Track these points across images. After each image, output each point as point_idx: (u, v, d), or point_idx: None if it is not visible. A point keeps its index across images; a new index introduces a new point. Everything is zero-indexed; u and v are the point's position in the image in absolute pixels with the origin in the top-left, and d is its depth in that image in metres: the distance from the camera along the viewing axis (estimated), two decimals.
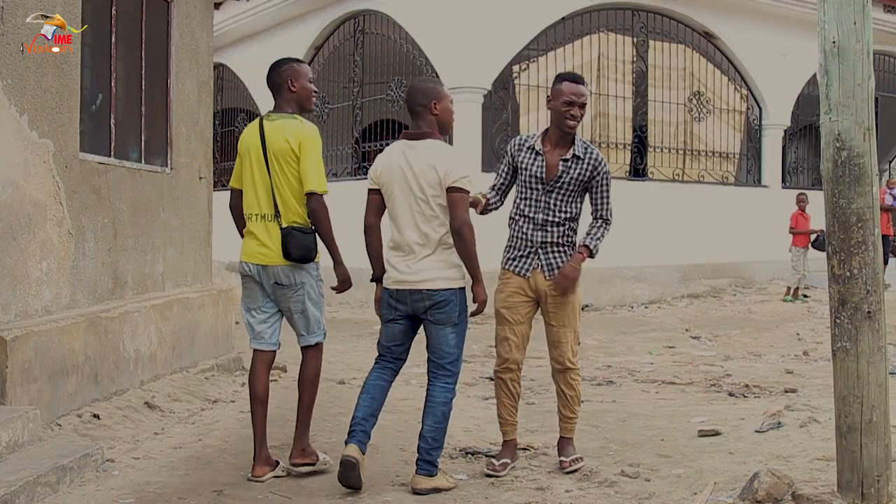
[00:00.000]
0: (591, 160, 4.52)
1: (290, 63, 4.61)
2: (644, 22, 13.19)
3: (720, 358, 8.44)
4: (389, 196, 4.21)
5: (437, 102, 4.23)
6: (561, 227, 4.53)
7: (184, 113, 6.99)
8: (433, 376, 4.19)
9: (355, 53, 13.32)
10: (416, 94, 4.24)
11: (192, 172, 7.14)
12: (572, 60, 12.31)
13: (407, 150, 4.19)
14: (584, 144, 4.58)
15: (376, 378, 4.27)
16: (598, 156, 4.54)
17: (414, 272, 4.12)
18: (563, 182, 4.52)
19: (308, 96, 4.60)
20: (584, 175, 4.51)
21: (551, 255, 4.54)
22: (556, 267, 4.51)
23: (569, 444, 4.59)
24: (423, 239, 4.12)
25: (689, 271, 13.27)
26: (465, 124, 11.35)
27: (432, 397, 4.15)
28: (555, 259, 4.53)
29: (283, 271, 4.40)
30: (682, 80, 13.60)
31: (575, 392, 4.55)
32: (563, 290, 4.46)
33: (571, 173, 4.52)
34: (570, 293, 4.48)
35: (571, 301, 4.48)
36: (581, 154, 4.54)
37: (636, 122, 13.33)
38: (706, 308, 12.17)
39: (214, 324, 7.10)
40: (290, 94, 4.57)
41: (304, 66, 4.65)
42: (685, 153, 13.69)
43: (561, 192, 4.54)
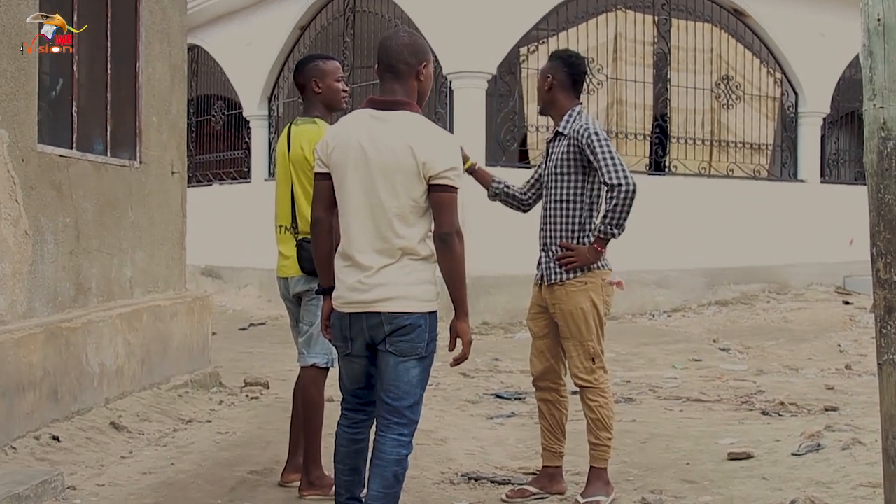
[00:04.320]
0: (573, 132, 4.48)
1: (316, 62, 4.74)
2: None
3: (752, 372, 8.42)
4: (341, 183, 3.57)
5: (426, 65, 3.64)
6: (560, 222, 4.50)
7: (154, 100, 6.98)
8: (384, 424, 3.52)
9: (345, 34, 13.33)
10: (399, 50, 3.59)
11: (164, 167, 7.13)
12: (586, 41, 12.29)
13: (373, 122, 3.54)
14: (573, 118, 4.55)
15: (348, 442, 3.72)
16: (581, 125, 4.48)
17: (369, 289, 3.48)
18: (550, 166, 4.54)
19: (336, 97, 4.74)
20: (570, 150, 4.47)
21: (550, 259, 4.54)
22: (555, 273, 4.50)
23: (595, 480, 4.48)
24: (383, 244, 3.49)
25: (716, 276, 13.26)
26: (468, 113, 11.34)
27: (382, 453, 3.49)
28: (553, 263, 4.52)
29: (301, 280, 4.63)
30: (708, 63, 13.58)
31: (596, 415, 4.47)
32: (564, 260, 4.49)
33: (556, 152, 4.53)
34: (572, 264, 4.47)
35: (574, 311, 4.46)
36: (564, 128, 4.53)
37: (657, 111, 13.32)
38: (736, 316, 12.16)
39: (189, 335, 7.09)
40: (314, 96, 4.72)
41: (332, 63, 4.75)
42: (712, 144, 13.67)
43: (553, 179, 4.53)
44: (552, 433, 4.66)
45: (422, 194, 3.46)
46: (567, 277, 4.49)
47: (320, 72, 4.69)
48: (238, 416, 6.43)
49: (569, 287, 4.48)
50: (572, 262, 4.47)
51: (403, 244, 3.47)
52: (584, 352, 4.48)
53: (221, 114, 16.00)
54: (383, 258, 3.48)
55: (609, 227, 4.39)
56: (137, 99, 6.79)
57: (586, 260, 4.47)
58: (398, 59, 3.57)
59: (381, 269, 3.47)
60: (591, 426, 4.50)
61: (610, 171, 4.35)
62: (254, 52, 14.69)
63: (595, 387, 4.48)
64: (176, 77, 7.33)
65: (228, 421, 6.24)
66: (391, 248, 3.48)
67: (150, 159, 6.91)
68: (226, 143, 15.99)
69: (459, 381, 7.87)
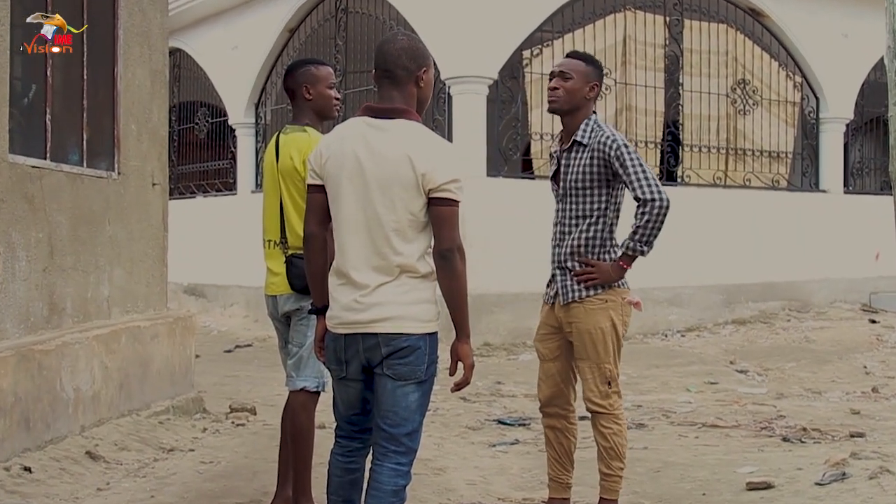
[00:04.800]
0: (595, 142, 4.48)
1: (307, 66, 4.77)
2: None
3: (772, 396, 8.41)
4: (335, 196, 3.55)
5: (427, 70, 3.62)
6: (579, 238, 4.50)
7: (134, 107, 6.99)
8: (381, 452, 3.50)
9: (337, 37, 13.36)
10: (398, 55, 3.57)
11: (144, 178, 7.13)
12: (593, 44, 12.31)
13: (370, 131, 3.52)
14: (591, 126, 4.55)
15: (342, 471, 3.68)
16: (605, 135, 4.48)
17: (365, 308, 3.46)
18: (569, 180, 4.52)
19: (327, 104, 4.76)
20: (593, 162, 4.46)
21: (567, 276, 4.53)
22: (572, 290, 4.50)
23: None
24: (380, 261, 3.47)
25: (733, 293, 13.25)
26: (468, 120, 11.35)
27: (378, 483, 3.47)
28: (570, 281, 4.51)
29: (291, 298, 4.62)
30: (723, 67, 13.60)
31: (609, 443, 4.46)
32: (584, 276, 4.48)
33: (575, 165, 4.51)
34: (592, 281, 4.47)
35: (592, 330, 4.46)
36: (583, 138, 4.52)
37: (668, 117, 13.34)
38: (754, 336, 12.14)
39: (170, 358, 7.07)
40: (305, 102, 4.74)
41: (324, 69, 4.78)
42: (728, 153, 13.69)
43: (572, 194, 4.53)
44: (559, 462, 4.64)
45: (421, 208, 3.45)
46: (587, 295, 4.50)
47: (312, 77, 4.71)
48: (223, 444, 6.41)
49: (588, 305, 4.49)
50: (593, 279, 4.47)
51: (401, 261, 3.45)
52: (599, 375, 4.48)
53: (205, 122, 16.02)
54: (380, 276, 3.46)
55: (638, 244, 4.43)
56: (116, 106, 6.79)
57: (608, 277, 4.48)
58: (396, 64, 3.56)
59: (378, 288, 3.46)
60: (602, 455, 4.48)
61: (642, 184, 4.39)
62: (240, 55, 14.71)
63: (609, 413, 4.47)
64: (157, 82, 7.34)
65: (213, 450, 6.22)
66: (388, 266, 3.46)
67: (130, 170, 6.91)
68: (210, 153, 16.00)
69: (460, 406, 7.85)
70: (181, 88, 16.62)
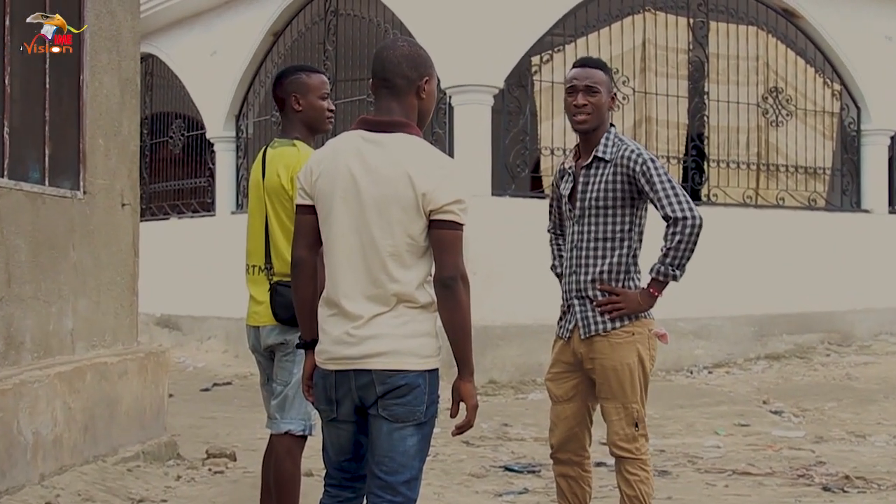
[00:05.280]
0: (619, 158, 4.50)
1: (298, 74, 4.78)
2: None
3: (810, 439, 8.40)
4: (327, 217, 3.55)
5: (429, 80, 3.63)
6: (600, 264, 4.51)
7: (101, 119, 7.01)
8: (376, 503, 3.49)
9: (326, 41, 13.41)
10: (397, 62, 3.57)
11: (113, 198, 7.14)
12: (609, 48, 12.35)
13: (366, 146, 3.52)
14: (612, 140, 4.57)
15: None
16: (629, 149, 4.51)
17: (358, 342, 3.45)
18: (589, 198, 4.53)
19: (319, 116, 4.77)
20: (616, 179, 4.49)
21: (588, 307, 4.53)
22: (595, 322, 4.50)
23: None
24: (375, 289, 3.46)
25: (766, 324, 13.24)
26: (471, 134, 11.36)
27: None
28: (592, 312, 4.52)
29: (275, 330, 4.61)
30: (753, 73, 13.63)
31: (634, 491, 4.45)
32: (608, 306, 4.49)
33: (596, 182, 4.52)
34: (618, 311, 4.48)
35: (618, 366, 4.47)
36: (604, 153, 4.55)
37: (693, 129, 13.36)
38: (790, 373, 12.12)
39: (141, 397, 7.07)
40: (294, 114, 4.75)
41: (317, 77, 4.80)
42: (759, 169, 13.71)
43: (591, 214, 4.53)
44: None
45: (421, 231, 3.45)
46: (612, 327, 4.51)
47: (302, 86, 4.71)
48: (199, 494, 6.40)
49: (613, 338, 4.50)
50: (619, 310, 4.47)
51: (399, 289, 3.45)
52: (626, 416, 4.48)
53: (181, 135, 16.06)
54: (375, 306, 3.46)
55: (670, 268, 4.45)
56: (81, 118, 6.81)
57: (636, 307, 4.48)
58: (395, 73, 3.56)
59: (373, 319, 3.45)
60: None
61: (672, 202, 4.40)
62: (219, 62, 14.75)
63: (636, 458, 4.47)
64: (127, 92, 7.36)
65: (187, 500, 6.21)
66: (384, 294, 3.45)
67: (96, 189, 6.92)
68: (186, 170, 16.03)
69: (462, 451, 7.84)
70: (154, 98, 16.67)
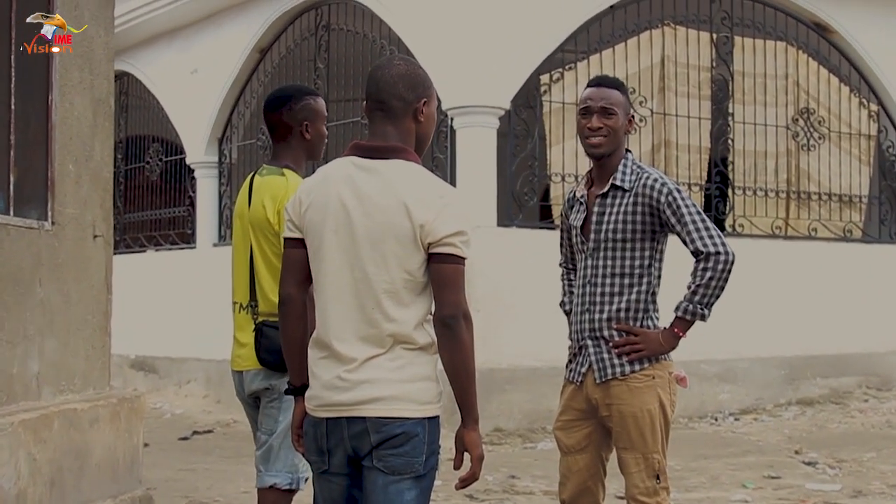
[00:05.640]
0: (640, 187, 4.50)
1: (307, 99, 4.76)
2: (728, 10, 13.30)
3: (847, 493, 8.36)
4: (317, 252, 3.57)
5: (428, 102, 3.66)
6: (615, 301, 4.49)
7: (72, 143, 7.00)
8: None
9: (317, 58, 13.44)
10: (393, 82, 3.60)
11: (84, 229, 7.12)
12: (625, 66, 12.37)
13: (359, 174, 3.54)
14: (630, 167, 4.57)
15: None
16: (651, 178, 4.51)
17: (351, 387, 3.45)
18: (605, 230, 4.52)
19: (321, 144, 4.81)
20: (636, 209, 4.48)
21: (603, 348, 4.50)
22: (612, 365, 4.48)
23: None
24: (369, 329, 3.47)
25: (797, 367, 13.20)
26: (474, 159, 11.35)
27: None
28: (608, 354, 4.50)
29: (260, 375, 4.61)
30: (782, 93, 13.65)
31: None
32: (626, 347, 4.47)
33: (613, 213, 4.51)
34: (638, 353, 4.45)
35: (638, 413, 4.44)
36: (622, 181, 4.53)
37: (716, 154, 13.37)
38: (824, 420, 12.08)
39: (114, 447, 7.03)
40: (300, 142, 4.73)
41: (321, 102, 4.82)
42: (788, 197, 13.70)
43: (608, 248, 4.52)
44: None
45: (419, 266, 3.46)
46: (630, 370, 4.49)
47: (313, 113, 4.72)
48: None
49: (632, 382, 4.48)
50: (639, 351, 4.45)
51: (395, 329, 3.46)
52: (647, 467, 4.46)
53: (158, 160, 16.07)
54: (370, 347, 3.46)
55: (699, 307, 4.45)
56: (50, 142, 6.80)
57: (658, 348, 4.47)
58: (391, 94, 3.58)
59: (367, 362, 3.45)
60: None
61: (703, 236, 4.41)
62: (200, 81, 14.79)
63: None
64: (100, 113, 7.36)
65: None
66: (379, 335, 3.46)
67: (66, 219, 6.90)
68: (164, 198, 16.04)
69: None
70: (129, 120, 16.72)
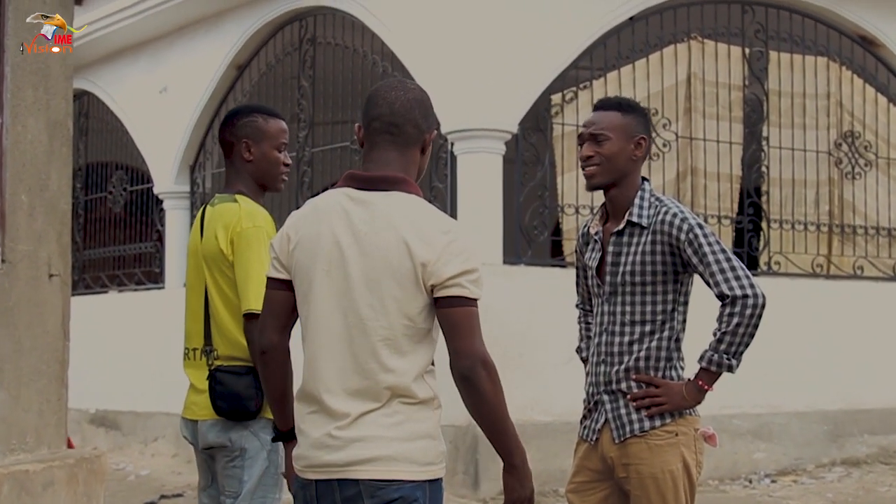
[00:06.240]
0: (658, 222, 4.49)
1: (253, 116, 4.82)
2: (762, 21, 13.31)
3: None
4: (306, 294, 3.59)
5: (434, 135, 3.77)
6: (634, 351, 4.50)
7: (25, 171, 7.01)
8: None
9: (301, 75, 13.44)
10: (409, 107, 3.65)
11: (38, 267, 7.13)
12: (646, 84, 12.36)
13: (354, 208, 3.56)
14: (648, 200, 4.57)
15: None
16: (670, 212, 4.50)
17: (343, 445, 3.45)
18: (622, 273, 4.52)
19: (272, 170, 4.81)
20: (655, 249, 4.48)
21: (621, 403, 4.51)
22: (630, 422, 4.48)
23: None
24: (363, 381, 3.48)
25: (842, 422, 13.17)
26: (478, 188, 11.29)
27: None
28: (626, 409, 4.50)
29: (214, 428, 4.59)
30: (823, 115, 13.64)
31: None
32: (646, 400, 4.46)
33: (630, 254, 4.51)
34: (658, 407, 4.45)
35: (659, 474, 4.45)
36: (640, 217, 4.53)
37: (749, 183, 13.36)
38: (872, 482, 12.06)
39: None
40: (242, 164, 4.78)
41: (275, 122, 4.83)
42: (831, 231, 13.68)
43: (626, 292, 4.52)
44: None
45: (420, 310, 3.48)
46: (650, 426, 4.49)
47: (257, 131, 4.74)
48: None
49: (653, 440, 4.48)
50: (660, 405, 4.45)
51: (393, 381, 3.46)
52: None
53: (122, 190, 16.07)
54: (364, 402, 3.47)
55: (725, 357, 4.43)
56: (0, 169, 6.82)
57: (681, 402, 4.47)
58: (406, 118, 3.63)
59: (361, 418, 3.47)
60: None
61: (728, 277, 4.40)
62: (169, 101, 14.79)
63: None
64: (57, 137, 7.37)
65: None
66: (375, 388, 3.47)
67: (18, 257, 6.91)
68: (128, 232, 16.03)
69: None
70: (89, 145, 16.72)
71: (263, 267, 4.44)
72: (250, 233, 4.50)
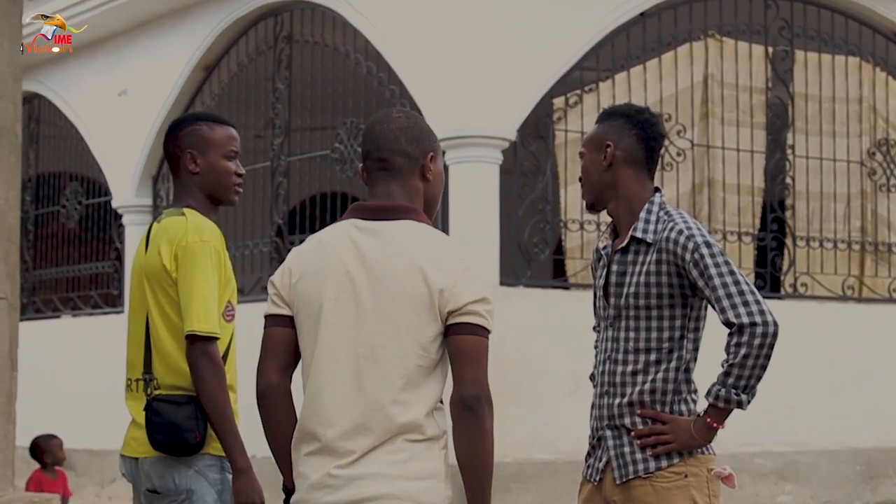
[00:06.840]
0: (664, 240, 4.49)
1: (197, 124, 4.83)
2: (786, 18, 13.31)
3: None
4: (312, 328, 3.68)
5: (435, 157, 3.91)
6: (639, 383, 4.51)
7: None
8: None
9: (276, 77, 13.43)
10: (394, 137, 3.82)
11: None
12: (658, 87, 12.35)
13: (363, 237, 3.71)
14: (656, 214, 4.57)
15: None
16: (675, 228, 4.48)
17: (344, 484, 3.54)
18: (625, 295, 4.52)
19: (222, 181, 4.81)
20: (661, 269, 4.48)
21: (625, 440, 4.51)
22: (634, 461, 4.49)
23: None
24: (370, 415, 3.56)
25: (876, 461, 13.18)
26: (472, 201, 11.29)
27: None
28: (630, 447, 4.50)
29: (158, 465, 4.59)
30: (854, 120, 13.64)
31: None
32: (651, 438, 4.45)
33: (634, 273, 4.52)
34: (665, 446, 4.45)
35: None
36: (645, 233, 4.54)
37: (772, 196, 13.36)
38: None
39: None
40: (188, 177, 4.77)
41: (221, 130, 4.84)
42: (863, 249, 13.69)
43: (629, 317, 4.53)
44: None
45: (433, 338, 3.58)
46: (656, 466, 4.49)
47: (202, 141, 4.75)
48: None
49: (659, 482, 4.48)
50: (665, 444, 4.45)
51: (403, 415, 3.55)
52: None
53: (77, 203, 16.05)
54: (367, 438, 3.55)
55: (733, 392, 4.41)
56: None
57: (689, 441, 4.46)
58: (392, 150, 3.79)
59: (365, 456, 3.54)
60: None
61: (735, 303, 4.38)
62: (130, 105, 14.76)
63: None
64: (3, 145, 7.39)
65: None
66: (383, 423, 3.55)
67: None
68: (84, 250, 16.02)
69: None
70: (41, 154, 16.71)
71: (209, 284, 4.47)
72: (196, 247, 4.49)
